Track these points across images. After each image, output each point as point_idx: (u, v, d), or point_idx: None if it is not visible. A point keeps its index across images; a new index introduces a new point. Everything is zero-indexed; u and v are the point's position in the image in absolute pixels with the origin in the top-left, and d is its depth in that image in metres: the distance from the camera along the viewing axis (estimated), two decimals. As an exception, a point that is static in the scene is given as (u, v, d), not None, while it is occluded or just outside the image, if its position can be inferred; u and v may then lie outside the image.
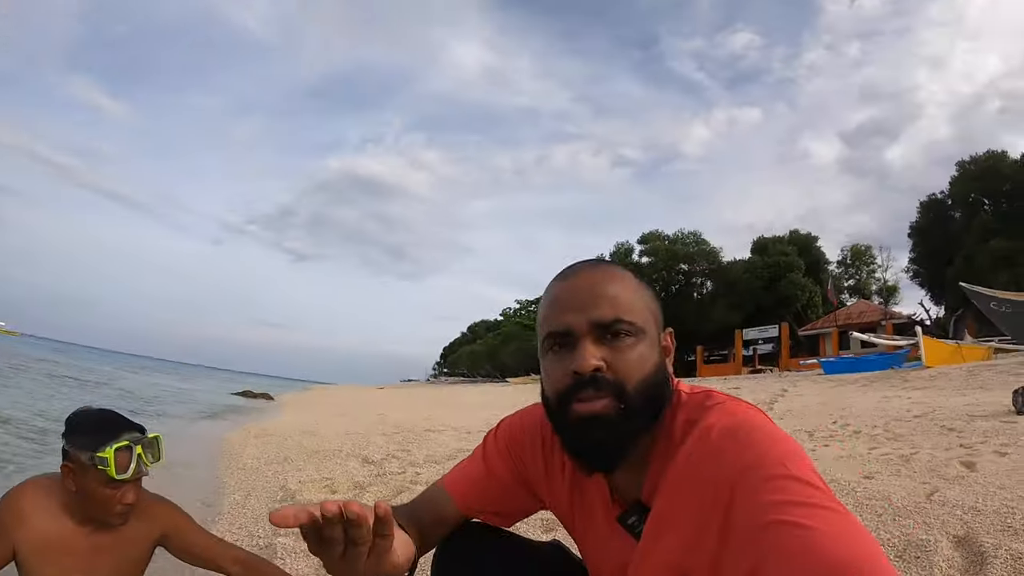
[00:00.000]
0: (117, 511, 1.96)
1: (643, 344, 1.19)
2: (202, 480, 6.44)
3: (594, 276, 1.23)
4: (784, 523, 0.94)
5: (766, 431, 1.10)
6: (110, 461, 1.89)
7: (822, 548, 0.89)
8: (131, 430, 1.99)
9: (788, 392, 14.29)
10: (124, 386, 24.20)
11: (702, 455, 1.12)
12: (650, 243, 56.60)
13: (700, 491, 1.10)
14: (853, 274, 54.11)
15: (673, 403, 1.24)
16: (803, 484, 0.98)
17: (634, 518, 1.26)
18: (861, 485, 3.86)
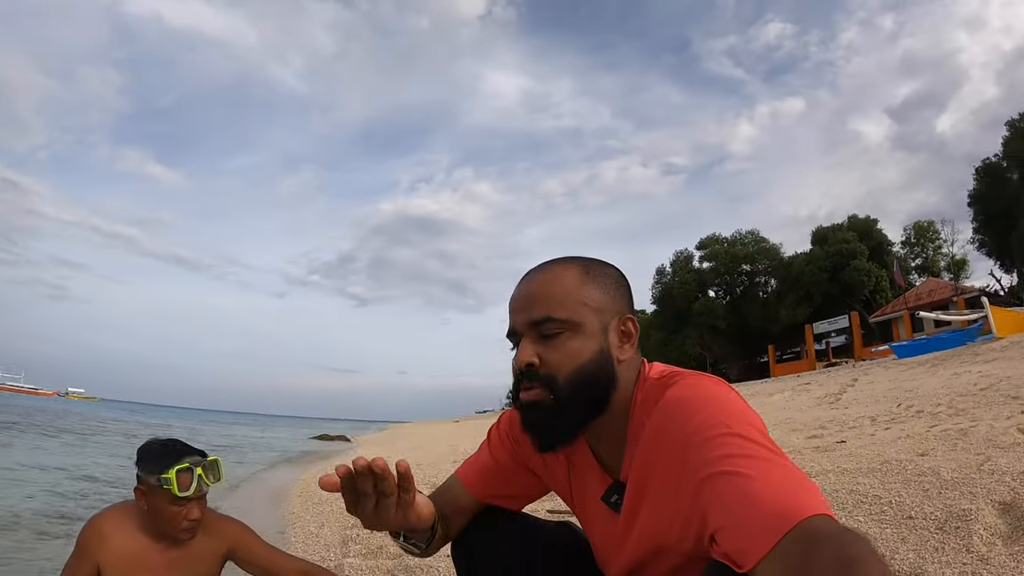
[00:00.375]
0: (184, 526, 2.16)
1: (576, 338, 1.32)
2: (279, 515, 6.87)
3: (535, 279, 1.40)
4: (724, 473, 1.03)
5: (716, 398, 1.20)
6: (172, 481, 2.09)
7: (758, 494, 0.97)
8: (192, 454, 2.19)
9: (858, 381, 13.99)
10: (203, 439, 24.82)
11: (659, 428, 1.24)
12: (709, 248, 55.81)
13: (661, 463, 1.23)
14: (919, 253, 52.19)
15: (642, 384, 1.36)
16: (744, 439, 1.07)
17: (615, 496, 1.39)
18: (913, 463, 3.83)
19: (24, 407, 40.96)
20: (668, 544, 1.26)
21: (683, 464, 1.13)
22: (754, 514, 0.95)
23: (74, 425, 27.43)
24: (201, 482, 2.15)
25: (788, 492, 0.96)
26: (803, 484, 0.98)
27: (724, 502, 1.01)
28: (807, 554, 0.85)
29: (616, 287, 1.41)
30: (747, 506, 0.97)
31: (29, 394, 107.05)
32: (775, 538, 0.90)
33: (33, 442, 16.76)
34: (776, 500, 0.95)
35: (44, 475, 10.09)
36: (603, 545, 1.48)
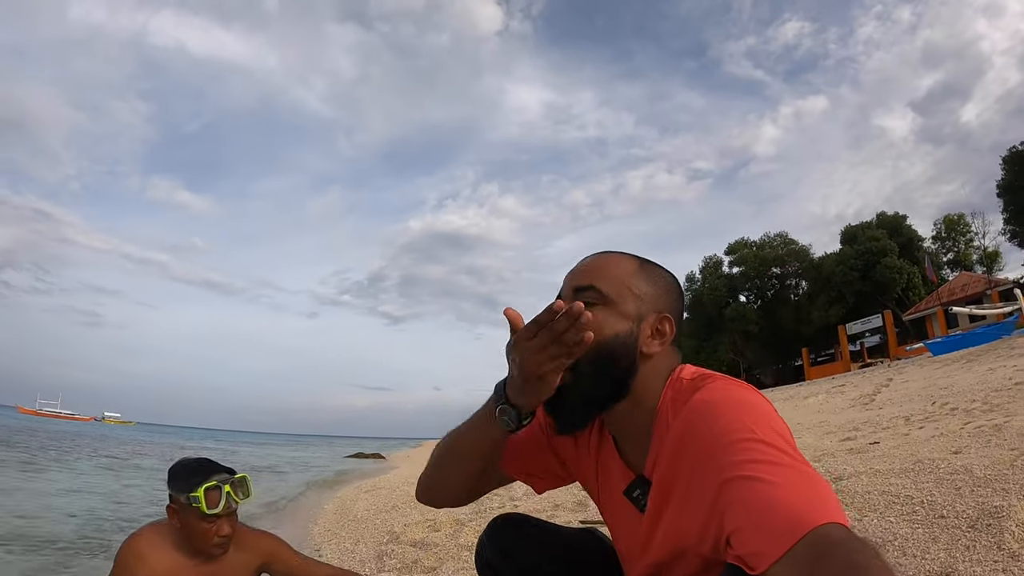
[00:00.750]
0: (215, 542, 2.22)
1: (608, 313, 1.34)
2: (316, 532, 7.01)
3: (592, 257, 1.47)
4: (745, 478, 1.05)
5: (743, 402, 1.22)
6: (201, 499, 2.16)
7: (776, 499, 0.99)
8: (220, 472, 2.27)
9: (892, 381, 13.83)
10: (239, 459, 25.06)
11: (686, 430, 1.26)
12: (738, 252, 55.27)
13: (687, 464, 1.24)
14: (950, 247, 50.78)
15: (673, 383, 1.37)
16: (767, 445, 1.09)
17: (638, 491, 1.41)
18: (946, 461, 3.81)
19: (62, 432, 41.56)
20: (689, 546, 1.27)
21: (706, 466, 1.15)
22: (770, 518, 0.97)
23: (111, 449, 27.88)
24: (230, 499, 2.22)
25: (805, 499, 0.98)
26: (821, 492, 1.00)
27: (742, 505, 1.03)
28: (817, 561, 0.88)
29: (666, 287, 1.44)
30: (764, 510, 0.99)
31: (67, 419, 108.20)
32: (789, 543, 0.92)
33: (71, 466, 17.06)
34: (792, 506, 0.97)
35: (81, 498, 10.34)
36: (626, 543, 1.50)
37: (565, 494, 5.38)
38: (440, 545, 4.57)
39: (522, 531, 1.68)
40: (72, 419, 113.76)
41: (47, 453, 20.71)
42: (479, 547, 1.70)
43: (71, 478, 13.51)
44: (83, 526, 7.41)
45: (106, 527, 7.45)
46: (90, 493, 11.08)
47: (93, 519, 8.05)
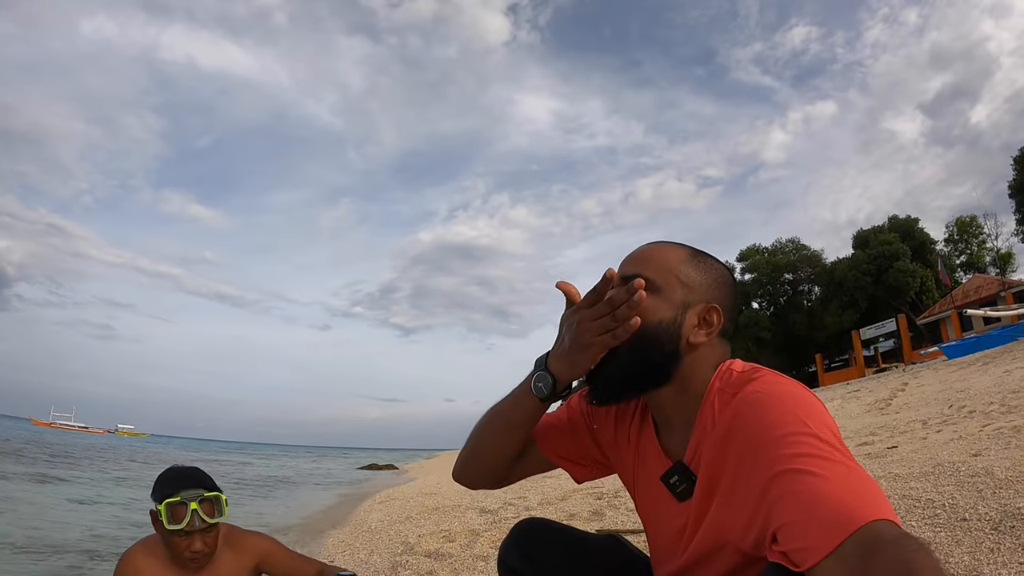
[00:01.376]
0: (187, 556, 2.18)
1: (654, 298, 1.33)
2: (330, 543, 7.03)
3: (647, 245, 1.46)
4: (794, 471, 1.03)
5: (794, 397, 1.20)
6: (162, 513, 2.13)
7: (826, 494, 0.97)
8: (191, 488, 2.19)
9: (908, 385, 13.77)
10: (254, 472, 25.19)
11: (736, 421, 1.24)
12: (750, 259, 55.11)
13: (734, 455, 1.23)
14: (963, 249, 50.61)
15: (722, 375, 1.36)
16: (818, 440, 1.07)
17: (675, 477, 1.39)
18: (966, 464, 3.77)
19: (75, 444, 41.82)
20: (730, 540, 1.25)
21: (756, 459, 1.13)
22: (819, 513, 0.95)
23: (123, 460, 28.03)
24: (196, 517, 2.15)
25: (856, 495, 0.96)
26: (872, 489, 0.98)
27: (791, 499, 1.01)
28: (868, 558, 0.85)
29: (717, 278, 1.43)
30: (813, 505, 0.97)
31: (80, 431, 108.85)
32: (838, 539, 0.90)
33: (83, 477, 17.14)
34: (843, 501, 0.95)
35: (93, 509, 10.42)
36: (662, 533, 1.48)
37: (581, 503, 5.36)
38: (455, 556, 4.55)
39: (545, 535, 1.66)
40: (85, 431, 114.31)
41: (59, 465, 20.83)
42: (502, 551, 1.68)
43: (83, 489, 13.59)
44: (94, 536, 7.49)
45: (117, 536, 7.51)
46: (101, 504, 11.15)
47: (104, 529, 8.13)
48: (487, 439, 1.63)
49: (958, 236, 50.31)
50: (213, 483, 2.28)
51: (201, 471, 2.33)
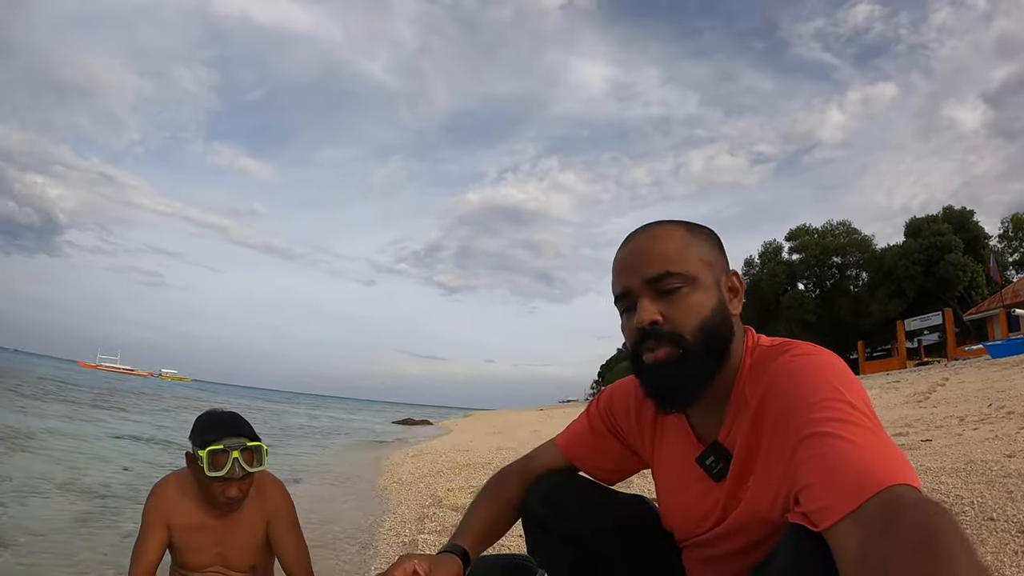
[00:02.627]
0: (220, 501, 2.24)
1: (696, 292, 1.33)
2: (363, 492, 7.24)
3: (644, 238, 1.40)
4: (824, 434, 1.04)
5: (828, 365, 1.22)
6: (204, 459, 2.17)
7: (850, 456, 0.98)
8: (233, 436, 2.23)
9: (949, 380, 13.54)
10: (291, 420, 25.64)
11: (768, 392, 1.27)
12: (799, 239, 53.89)
13: (768, 427, 1.25)
14: (1017, 247, 48.72)
15: (751, 350, 1.38)
16: (850, 406, 1.08)
17: (711, 458, 1.41)
18: (999, 464, 3.74)
19: (118, 385, 42.88)
20: (762, 511, 1.27)
21: (787, 425, 1.14)
22: (842, 475, 0.96)
23: (165, 401, 28.65)
24: (237, 465, 2.19)
25: (881, 459, 0.96)
26: (897, 456, 0.98)
27: (816, 461, 1.02)
28: (889, 520, 0.85)
29: (717, 244, 1.44)
30: (837, 467, 0.98)
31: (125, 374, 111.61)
32: (859, 500, 0.90)
33: (125, 416, 17.59)
34: (867, 464, 0.95)
35: (132, 446, 10.74)
36: (684, 510, 1.50)
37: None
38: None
39: (569, 486, 1.70)
40: (130, 374, 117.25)
41: (101, 404, 21.35)
42: (527, 498, 1.71)
43: (124, 427, 13.94)
44: (131, 475, 7.68)
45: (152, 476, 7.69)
46: (140, 442, 11.46)
47: (141, 468, 8.30)
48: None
49: (1013, 233, 48.72)
50: (254, 431, 2.32)
51: (241, 417, 2.38)
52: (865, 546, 0.85)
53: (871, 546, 0.84)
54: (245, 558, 2.38)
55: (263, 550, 2.42)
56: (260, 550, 2.41)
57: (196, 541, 2.31)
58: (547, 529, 1.66)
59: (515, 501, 1.72)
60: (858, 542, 0.86)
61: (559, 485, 1.69)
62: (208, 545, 2.32)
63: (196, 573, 2.34)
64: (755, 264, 55.58)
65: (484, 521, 1.66)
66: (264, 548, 2.42)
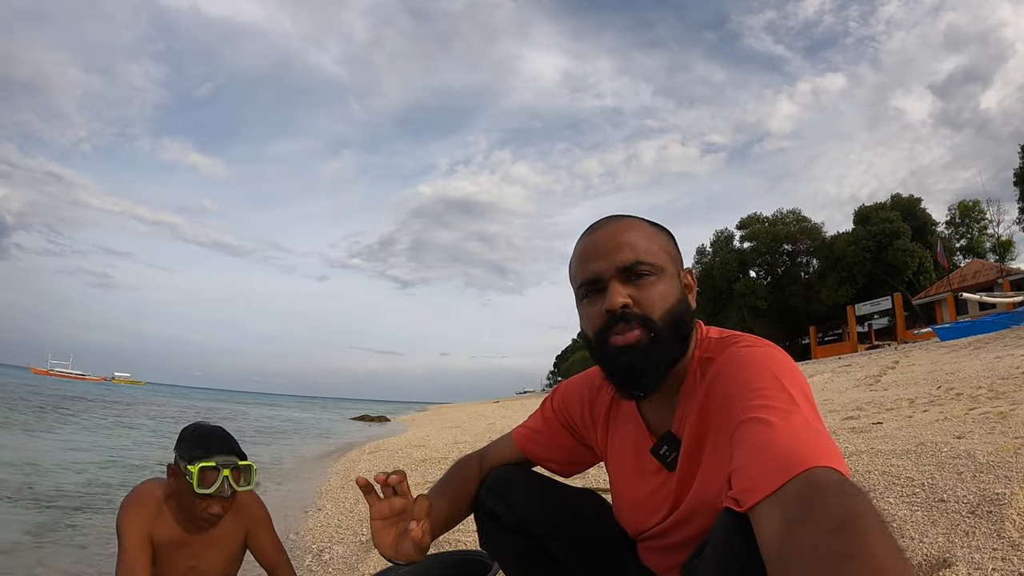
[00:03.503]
0: (203, 517, 2.19)
1: (663, 281, 1.36)
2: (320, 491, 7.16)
3: (612, 227, 1.42)
4: (756, 419, 1.06)
5: (770, 357, 1.25)
6: (194, 476, 2.12)
7: (775, 440, 0.99)
8: (225, 453, 2.20)
9: (899, 363, 13.81)
10: (245, 420, 25.36)
11: (715, 383, 1.29)
12: (750, 227, 54.88)
13: (715, 417, 1.27)
14: (964, 233, 50.39)
15: (700, 343, 1.42)
16: (787, 394, 1.11)
17: (665, 448, 1.43)
18: (948, 445, 3.79)
19: (71, 391, 42.08)
20: (711, 499, 1.29)
21: (729, 414, 1.16)
22: (765, 457, 0.97)
23: (118, 407, 28.19)
24: (226, 483, 2.16)
25: (805, 443, 0.97)
26: (824, 441, 0.99)
27: (744, 445, 1.03)
28: (807, 501, 0.85)
29: (674, 242, 1.48)
30: (761, 450, 0.99)
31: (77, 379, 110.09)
32: (779, 481, 0.91)
33: (78, 424, 17.26)
34: (790, 448, 0.96)
35: (87, 455, 10.48)
36: (638, 502, 1.52)
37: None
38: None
39: (522, 481, 1.70)
40: (83, 379, 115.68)
41: (56, 411, 21.00)
42: (480, 494, 1.72)
43: (78, 435, 13.70)
44: (88, 482, 7.52)
45: (110, 483, 7.55)
46: (95, 450, 11.23)
47: (98, 475, 8.18)
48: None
49: (960, 220, 50.13)
50: (241, 449, 2.28)
51: (229, 435, 2.32)
52: (783, 528, 0.84)
53: (789, 528, 0.83)
54: (218, 569, 2.35)
55: (236, 560, 2.40)
56: (234, 561, 2.39)
57: (171, 557, 2.26)
58: (497, 521, 1.66)
59: (472, 493, 1.72)
60: (777, 524, 0.86)
61: (510, 477, 1.69)
62: (182, 560, 2.28)
63: None
64: (707, 253, 56.36)
65: (440, 513, 1.65)
66: (237, 558, 2.40)
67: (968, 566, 2.14)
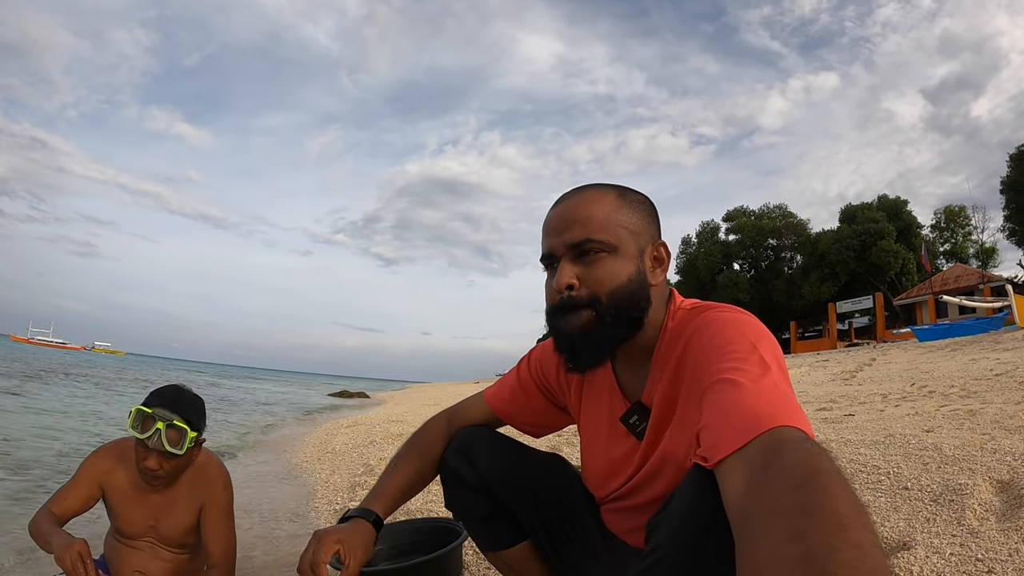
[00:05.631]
0: (140, 469, 2.20)
1: (614, 259, 1.36)
2: (296, 464, 7.16)
3: (572, 202, 1.42)
4: (726, 380, 1.07)
5: (743, 322, 1.26)
6: (131, 415, 2.15)
7: (742, 400, 1.01)
8: (165, 408, 2.18)
9: (876, 361, 13.90)
10: (223, 392, 25.26)
11: (687, 350, 1.30)
12: (736, 220, 55.06)
13: (687, 382, 1.29)
14: (948, 238, 50.80)
15: (675, 312, 1.41)
16: (758, 357, 1.12)
17: (635, 417, 1.46)
18: (917, 438, 3.83)
19: (51, 359, 41.87)
20: (676, 457, 1.32)
21: (701, 376, 1.17)
22: (733, 416, 0.98)
23: (98, 375, 28.04)
24: (158, 437, 2.13)
25: (771, 404, 0.98)
26: (790, 403, 1.01)
27: (714, 404, 1.05)
28: (771, 458, 0.86)
29: (649, 213, 1.46)
30: (730, 409, 1.01)
31: (57, 348, 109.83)
32: (745, 439, 0.92)
33: (57, 391, 17.15)
34: (756, 407, 0.98)
35: (64, 421, 10.46)
36: (607, 464, 1.54)
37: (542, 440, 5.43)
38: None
39: (488, 442, 1.73)
40: (63, 348, 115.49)
41: (35, 379, 20.90)
42: (445, 455, 1.74)
43: (56, 403, 13.63)
44: (65, 448, 7.52)
45: (86, 450, 7.54)
46: (73, 416, 11.22)
47: (75, 441, 8.18)
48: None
49: (945, 224, 50.47)
50: (195, 418, 2.25)
51: (192, 401, 2.30)
52: (748, 483, 0.86)
53: (753, 484, 0.85)
54: (178, 536, 2.36)
55: (194, 532, 2.39)
56: (194, 531, 2.38)
57: (129, 511, 2.29)
58: (461, 481, 1.68)
59: (437, 456, 1.75)
60: (741, 479, 0.87)
61: (475, 438, 1.72)
62: (141, 518, 2.30)
63: (130, 540, 2.32)
64: (692, 243, 56.51)
65: (404, 477, 1.69)
66: (195, 530, 2.39)
67: (927, 550, 2.18)
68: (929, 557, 2.13)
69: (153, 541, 2.34)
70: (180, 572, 2.39)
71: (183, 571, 2.40)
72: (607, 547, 1.65)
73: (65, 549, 1.92)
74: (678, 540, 1.02)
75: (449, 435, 1.77)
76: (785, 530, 0.71)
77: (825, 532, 0.68)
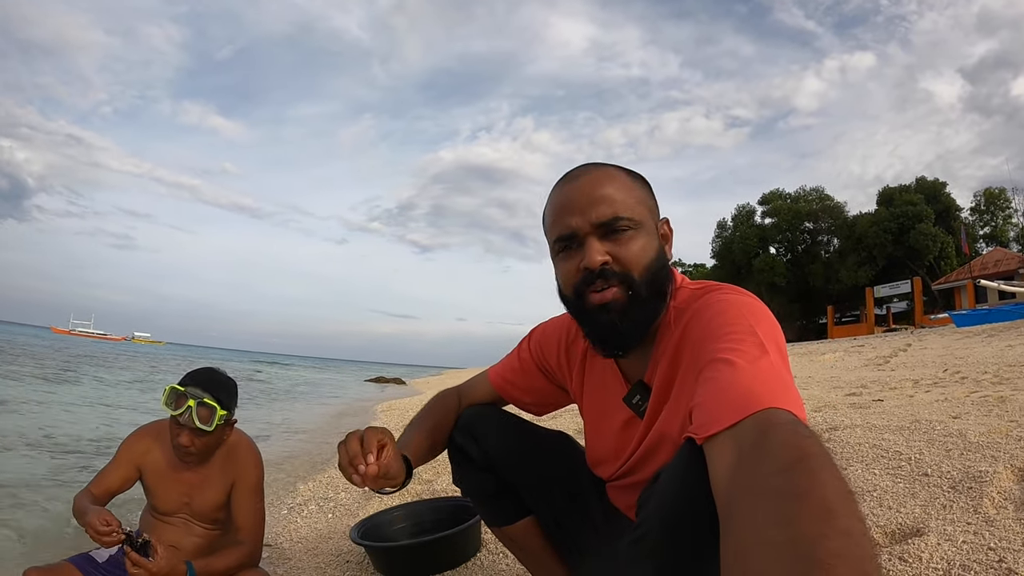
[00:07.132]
0: (174, 445, 2.33)
1: (642, 236, 1.36)
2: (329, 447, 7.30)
3: (589, 180, 1.40)
4: (723, 360, 1.09)
5: (746, 304, 1.27)
6: (165, 393, 2.28)
7: (736, 380, 1.02)
8: (198, 387, 2.31)
9: (912, 346, 13.73)
10: (263, 379, 25.61)
11: (689, 328, 1.32)
12: (771, 203, 54.37)
13: (686, 358, 1.30)
14: (988, 221, 49.35)
15: (676, 294, 1.42)
16: (758, 339, 1.13)
17: (638, 397, 1.47)
18: (943, 424, 3.81)
19: (92, 350, 42.79)
20: (671, 435, 1.34)
21: (699, 356, 1.18)
22: (727, 394, 1.00)
23: (138, 365, 28.53)
24: (189, 414, 2.26)
25: (765, 385, 1.00)
26: (786, 387, 1.01)
27: (708, 383, 1.06)
28: (760, 439, 0.87)
29: (652, 191, 1.47)
30: (725, 388, 1.02)
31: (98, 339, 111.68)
32: (735, 418, 0.93)
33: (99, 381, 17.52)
34: (750, 388, 0.99)
35: (106, 409, 10.74)
36: (611, 444, 1.57)
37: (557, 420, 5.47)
38: (440, 459, 4.69)
39: (494, 421, 1.77)
40: (103, 339, 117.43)
41: (77, 369, 21.36)
42: (452, 434, 1.79)
43: (98, 391, 13.92)
44: (105, 434, 7.74)
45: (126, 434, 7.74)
46: (114, 406, 11.50)
47: (115, 427, 8.40)
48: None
49: (984, 207, 49.12)
50: (226, 397, 2.37)
51: (224, 382, 2.43)
52: (736, 462, 0.87)
53: (741, 464, 0.86)
54: (210, 512, 2.46)
55: (228, 508, 2.50)
56: (225, 508, 2.49)
57: (164, 488, 2.42)
58: (468, 459, 1.74)
59: (450, 428, 1.80)
60: (730, 457, 0.89)
61: (480, 416, 1.77)
62: (176, 495, 2.42)
63: (165, 516, 2.44)
64: (728, 227, 55.94)
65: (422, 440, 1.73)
66: (227, 507, 2.50)
67: (939, 537, 2.18)
68: (940, 544, 2.12)
69: (187, 517, 2.46)
70: (212, 547, 2.48)
71: (215, 546, 2.49)
72: (606, 520, 1.69)
73: (94, 515, 2.03)
74: (665, 513, 1.04)
75: (459, 411, 1.82)
76: (772, 513, 0.71)
77: (813, 518, 0.68)
